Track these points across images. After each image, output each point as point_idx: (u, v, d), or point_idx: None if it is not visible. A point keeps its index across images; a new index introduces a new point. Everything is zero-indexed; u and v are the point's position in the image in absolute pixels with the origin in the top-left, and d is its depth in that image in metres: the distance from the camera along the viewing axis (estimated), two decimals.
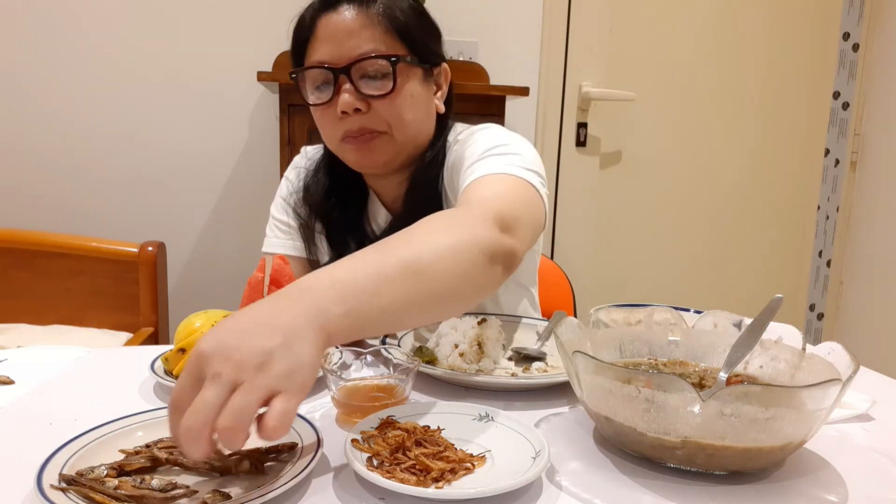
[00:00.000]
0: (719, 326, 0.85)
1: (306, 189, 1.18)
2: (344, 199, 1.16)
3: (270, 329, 0.54)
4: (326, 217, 1.16)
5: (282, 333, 0.54)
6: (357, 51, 0.99)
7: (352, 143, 1.04)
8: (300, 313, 0.57)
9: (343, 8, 1.00)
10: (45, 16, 2.14)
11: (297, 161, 1.25)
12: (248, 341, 0.53)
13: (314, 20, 1.02)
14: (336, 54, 1.00)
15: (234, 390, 0.51)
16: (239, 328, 0.55)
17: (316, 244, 1.17)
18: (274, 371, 0.52)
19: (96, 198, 2.24)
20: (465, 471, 0.63)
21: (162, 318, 1.81)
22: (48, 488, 0.57)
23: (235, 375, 0.51)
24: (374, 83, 1.01)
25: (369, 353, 0.84)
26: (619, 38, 2.48)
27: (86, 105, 2.20)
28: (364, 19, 1.00)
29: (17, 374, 0.88)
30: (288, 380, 0.52)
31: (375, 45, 1.00)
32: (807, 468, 0.69)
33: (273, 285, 0.89)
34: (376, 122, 1.02)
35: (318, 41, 1.01)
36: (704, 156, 2.63)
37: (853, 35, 2.67)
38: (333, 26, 1.00)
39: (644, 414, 0.63)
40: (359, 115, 1.01)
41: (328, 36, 1.00)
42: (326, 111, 1.03)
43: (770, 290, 0.79)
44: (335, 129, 1.04)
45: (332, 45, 1.00)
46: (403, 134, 1.05)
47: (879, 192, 2.67)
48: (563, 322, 0.80)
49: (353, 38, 0.99)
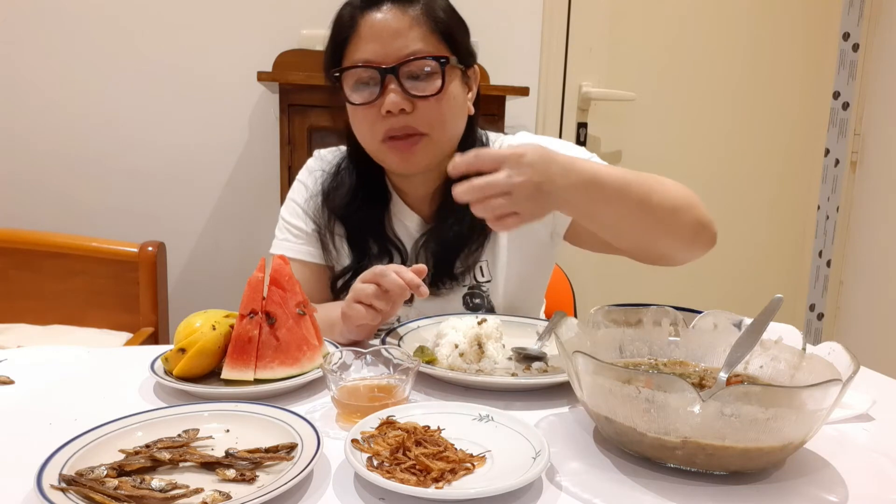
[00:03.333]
0: (719, 326, 0.85)
1: (326, 193, 1.16)
2: (367, 201, 1.14)
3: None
4: (349, 220, 1.15)
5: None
6: (404, 50, 0.99)
7: (393, 145, 1.03)
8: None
9: (386, 7, 1.00)
10: (46, 16, 2.13)
11: (312, 164, 1.23)
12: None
13: (355, 18, 1.01)
14: (382, 53, 0.99)
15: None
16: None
17: (331, 249, 1.16)
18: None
19: (96, 197, 2.24)
20: (465, 471, 0.63)
21: (162, 318, 1.81)
22: (48, 488, 0.57)
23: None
24: (421, 83, 1.01)
25: (369, 353, 0.84)
26: (619, 38, 2.48)
27: (86, 105, 2.19)
28: (409, 19, 1.00)
29: (17, 374, 0.88)
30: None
31: (422, 44, 1.00)
32: (807, 468, 0.69)
33: (273, 285, 0.89)
34: (420, 122, 1.02)
35: (361, 40, 1.00)
36: (704, 155, 2.63)
37: (853, 35, 2.67)
38: (379, 25, 0.99)
39: (644, 414, 0.63)
40: (403, 115, 1.01)
41: (373, 35, 0.99)
42: (368, 111, 1.02)
43: (770, 290, 0.79)
44: (377, 128, 1.03)
45: (378, 44, 0.99)
46: (443, 135, 1.05)
47: (879, 192, 2.67)
48: (563, 322, 0.80)
49: (399, 37, 0.99)
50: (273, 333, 0.86)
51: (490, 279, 1.15)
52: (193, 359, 0.83)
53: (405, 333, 1.02)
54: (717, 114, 2.63)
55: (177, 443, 0.67)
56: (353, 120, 1.06)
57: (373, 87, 1.01)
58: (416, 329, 1.04)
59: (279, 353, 0.86)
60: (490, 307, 1.16)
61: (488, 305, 1.16)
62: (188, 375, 0.84)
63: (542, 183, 0.79)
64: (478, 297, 1.15)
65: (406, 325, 1.05)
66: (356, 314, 0.93)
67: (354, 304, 0.93)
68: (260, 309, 0.87)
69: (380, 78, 1.00)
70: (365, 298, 0.92)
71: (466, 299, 1.15)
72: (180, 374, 0.84)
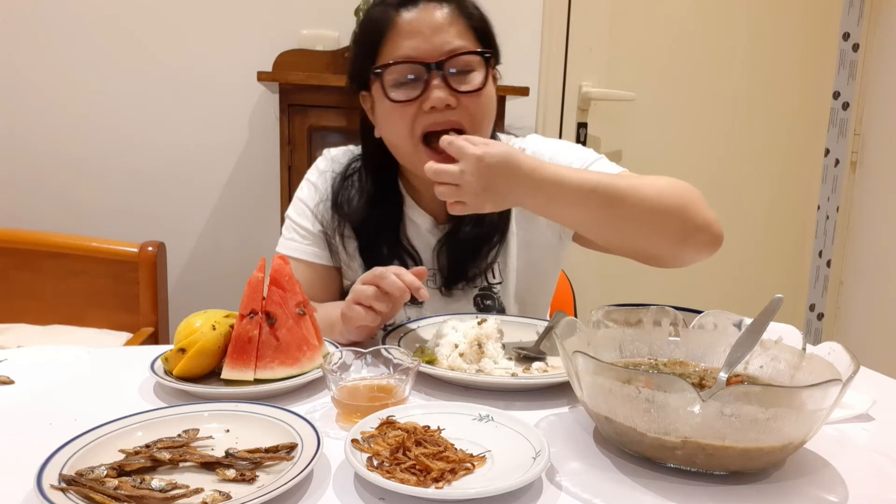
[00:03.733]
0: (719, 326, 0.85)
1: (336, 194, 1.15)
2: (380, 204, 1.14)
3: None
4: (362, 224, 1.14)
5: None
6: (447, 46, 0.99)
7: (431, 152, 1.02)
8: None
9: (422, 4, 1.00)
10: (47, 15, 2.13)
11: (321, 164, 1.21)
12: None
13: (391, 17, 1.00)
14: (424, 49, 0.99)
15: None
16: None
17: (341, 251, 1.16)
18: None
19: (96, 197, 2.24)
20: (465, 471, 0.63)
21: (162, 318, 1.81)
22: (48, 488, 0.57)
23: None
24: (463, 79, 1.01)
25: (369, 353, 0.84)
26: (619, 38, 2.48)
27: (86, 104, 2.19)
28: (447, 15, 1.00)
29: (17, 374, 0.88)
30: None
31: (463, 41, 1.01)
32: (807, 468, 0.69)
33: (273, 285, 0.89)
34: (462, 117, 1.02)
35: (400, 36, 0.99)
36: (704, 155, 2.63)
37: (853, 35, 2.67)
38: (419, 21, 0.99)
39: (644, 414, 0.63)
40: (447, 110, 1.00)
41: (413, 31, 0.99)
42: (408, 107, 1.01)
43: (770, 290, 0.79)
44: (417, 125, 1.01)
45: (419, 40, 0.99)
46: (479, 132, 1.05)
47: (879, 192, 2.67)
48: (563, 322, 0.80)
49: (441, 33, 0.99)
50: (273, 333, 0.86)
51: (501, 281, 1.16)
52: (193, 359, 0.83)
53: (405, 333, 1.02)
54: (717, 114, 2.63)
55: (177, 443, 0.67)
56: (390, 118, 1.03)
57: (414, 84, 1.00)
58: (416, 329, 1.04)
59: (279, 353, 0.86)
60: (501, 308, 1.16)
61: (499, 307, 1.16)
62: (188, 375, 0.84)
63: (487, 188, 0.87)
64: (489, 299, 1.16)
65: (406, 325, 1.05)
66: (356, 316, 0.93)
67: (354, 306, 0.93)
68: (260, 309, 0.87)
69: (424, 74, 0.99)
70: (365, 300, 0.92)
71: (477, 300, 1.16)
72: (180, 374, 0.84)
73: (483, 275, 1.15)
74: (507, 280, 1.16)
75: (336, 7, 2.17)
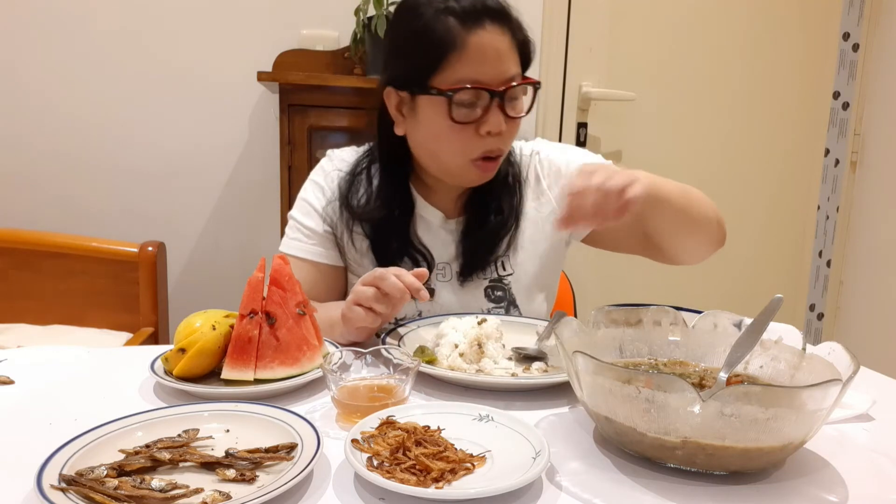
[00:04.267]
0: (719, 326, 0.86)
1: (345, 195, 1.16)
2: (392, 204, 1.15)
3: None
4: (375, 225, 1.15)
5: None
6: (507, 74, 1.03)
7: (483, 165, 1.07)
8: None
9: (488, 25, 1.01)
10: (47, 14, 2.13)
11: (325, 165, 1.22)
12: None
13: (457, 35, 1.00)
14: (491, 76, 1.02)
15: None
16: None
17: (351, 250, 1.16)
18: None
19: (96, 197, 2.24)
20: (465, 471, 0.63)
21: (162, 318, 1.81)
22: (48, 488, 0.57)
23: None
24: (514, 105, 1.05)
25: (369, 353, 0.84)
26: (619, 38, 2.48)
27: (86, 104, 2.19)
28: (509, 41, 1.03)
29: (17, 374, 0.88)
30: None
31: (518, 67, 1.05)
32: (807, 468, 0.69)
33: (273, 285, 0.89)
34: (507, 141, 1.08)
35: (469, 59, 1.01)
36: (704, 155, 2.63)
37: (853, 35, 2.66)
38: (487, 47, 1.01)
39: (644, 414, 0.63)
40: (499, 135, 1.04)
41: (481, 56, 1.01)
42: (465, 129, 1.03)
43: (770, 290, 0.79)
44: (472, 147, 1.05)
45: (487, 66, 1.01)
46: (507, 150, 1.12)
47: (879, 192, 2.67)
48: (563, 322, 0.80)
49: (504, 61, 1.03)
50: (273, 333, 0.86)
51: (511, 272, 1.18)
52: (193, 359, 0.83)
53: (405, 333, 1.02)
54: (717, 114, 2.63)
55: (177, 443, 0.67)
56: (443, 135, 1.05)
57: (475, 107, 1.02)
58: (416, 329, 1.04)
59: (279, 353, 0.86)
60: (511, 300, 1.18)
61: (510, 298, 1.19)
62: (188, 375, 0.84)
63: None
64: (499, 290, 1.18)
65: (406, 325, 1.05)
66: (356, 317, 0.94)
67: (354, 307, 0.94)
68: (260, 309, 0.87)
69: (487, 100, 1.02)
70: (364, 301, 0.93)
71: (488, 292, 1.18)
72: (180, 374, 0.84)
73: (495, 264, 1.17)
74: (517, 272, 1.19)
75: (336, 7, 2.17)
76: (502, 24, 1.02)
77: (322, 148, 2.04)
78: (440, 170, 1.11)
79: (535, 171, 1.21)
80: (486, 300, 1.18)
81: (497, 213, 1.16)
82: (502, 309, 1.17)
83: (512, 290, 1.18)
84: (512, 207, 1.17)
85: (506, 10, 1.04)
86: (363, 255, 1.16)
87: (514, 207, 1.17)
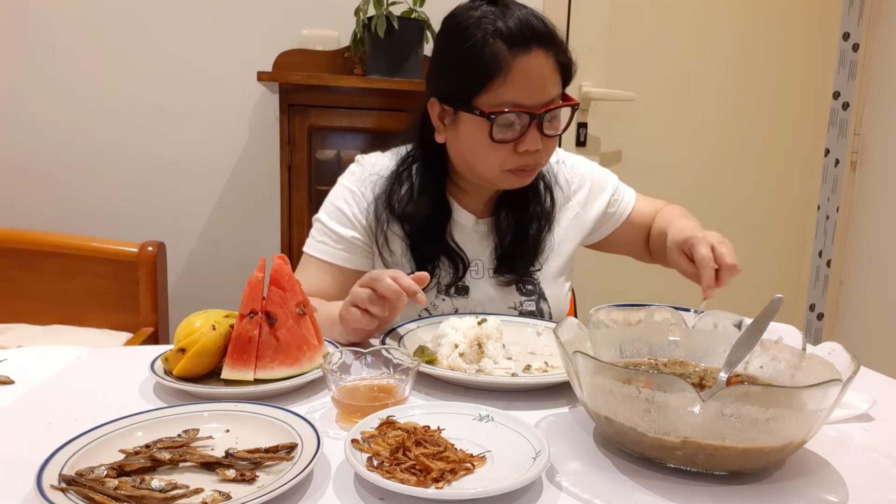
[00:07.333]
0: (719, 326, 0.86)
1: (389, 195, 1.18)
2: (431, 207, 1.18)
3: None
4: (415, 221, 1.17)
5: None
6: (548, 96, 1.06)
7: (520, 173, 1.11)
8: None
9: (535, 51, 1.03)
10: (47, 14, 2.13)
11: (357, 171, 1.23)
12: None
13: (504, 59, 1.02)
14: (531, 99, 1.04)
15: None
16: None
17: (384, 252, 1.18)
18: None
19: (97, 197, 2.24)
20: (465, 471, 0.63)
21: (162, 318, 1.81)
22: (48, 488, 0.57)
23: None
24: (551, 124, 1.08)
25: (369, 353, 0.84)
26: (619, 38, 2.48)
27: (86, 104, 2.19)
28: (552, 63, 1.05)
29: (17, 374, 0.88)
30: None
31: (559, 88, 1.08)
32: (807, 468, 0.69)
33: (273, 285, 0.89)
34: (544, 157, 1.11)
35: (513, 82, 1.03)
36: (704, 156, 2.63)
37: (853, 35, 2.66)
38: (530, 72, 1.03)
39: (644, 414, 0.63)
40: (536, 152, 1.08)
41: (525, 81, 1.03)
42: (504, 146, 1.06)
43: (770, 290, 0.79)
44: (509, 162, 1.08)
45: (529, 90, 1.04)
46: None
47: (879, 192, 2.67)
48: (563, 322, 0.80)
49: (546, 84, 1.05)
50: (273, 333, 0.86)
51: (540, 269, 1.24)
52: (193, 359, 0.83)
53: (405, 333, 1.02)
54: (717, 114, 2.63)
55: (177, 443, 0.67)
56: (484, 150, 1.07)
57: (514, 126, 1.05)
58: (416, 329, 1.04)
59: (279, 353, 0.86)
60: (541, 293, 1.23)
61: (539, 291, 1.23)
62: (188, 375, 0.84)
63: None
64: (529, 284, 1.23)
65: (406, 325, 1.05)
66: (352, 318, 0.94)
67: (350, 308, 0.95)
68: (260, 309, 0.87)
69: (527, 121, 1.05)
70: (360, 303, 0.93)
71: (520, 287, 1.23)
72: (180, 374, 0.84)
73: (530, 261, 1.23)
74: (545, 267, 1.24)
75: (336, 7, 2.17)
76: (548, 48, 1.04)
77: (322, 148, 2.05)
78: (477, 177, 1.14)
79: (565, 177, 1.27)
80: (518, 294, 1.23)
81: (534, 221, 1.22)
82: (533, 301, 1.22)
83: (541, 284, 1.24)
84: (549, 218, 1.24)
85: (552, 33, 1.06)
86: (400, 256, 1.18)
87: (550, 217, 1.24)
